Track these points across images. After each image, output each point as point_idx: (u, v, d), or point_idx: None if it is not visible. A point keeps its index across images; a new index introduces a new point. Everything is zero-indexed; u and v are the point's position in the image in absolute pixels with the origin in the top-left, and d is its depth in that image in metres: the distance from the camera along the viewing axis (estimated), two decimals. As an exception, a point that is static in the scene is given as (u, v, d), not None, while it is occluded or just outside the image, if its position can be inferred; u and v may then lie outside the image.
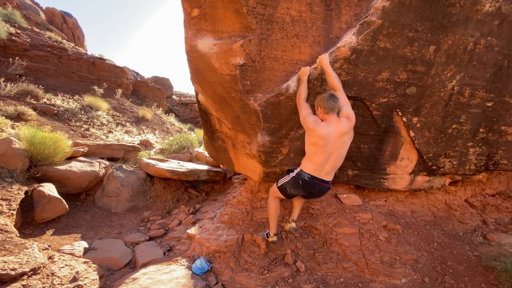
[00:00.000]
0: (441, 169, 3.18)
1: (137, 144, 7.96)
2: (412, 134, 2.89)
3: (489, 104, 2.84)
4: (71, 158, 5.11)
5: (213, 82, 2.84)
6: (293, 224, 2.77)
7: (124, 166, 5.51)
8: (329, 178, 2.38)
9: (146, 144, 8.48)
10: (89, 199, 4.99)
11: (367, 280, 2.76)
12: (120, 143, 6.89)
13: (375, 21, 2.31)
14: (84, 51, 14.79)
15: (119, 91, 13.08)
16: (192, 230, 3.78)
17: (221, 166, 6.01)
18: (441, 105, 2.77)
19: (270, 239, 2.88)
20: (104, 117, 9.91)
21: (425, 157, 3.05)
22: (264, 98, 2.65)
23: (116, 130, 9.40)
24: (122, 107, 12.21)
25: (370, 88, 2.61)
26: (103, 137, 8.18)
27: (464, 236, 3.27)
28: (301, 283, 2.75)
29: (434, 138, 2.95)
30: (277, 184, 2.67)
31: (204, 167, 5.74)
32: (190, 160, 6.71)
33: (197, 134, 10.28)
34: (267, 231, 2.98)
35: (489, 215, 3.59)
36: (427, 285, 2.68)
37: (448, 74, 2.63)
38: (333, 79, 2.33)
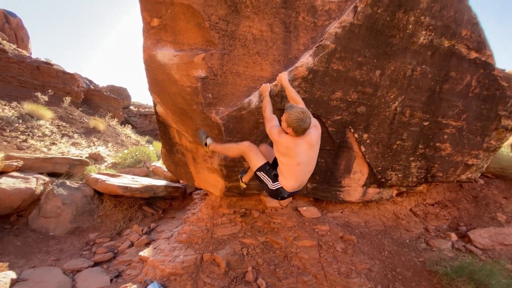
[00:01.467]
0: (389, 182, 3.47)
1: (86, 157, 7.22)
2: (363, 149, 3.12)
3: (426, 123, 3.23)
4: (1, 173, 4.39)
5: (173, 93, 2.75)
6: (244, 185, 2.74)
7: (67, 182, 4.91)
8: (300, 189, 2.38)
9: (96, 158, 7.74)
10: (21, 221, 4.30)
11: (326, 292, 2.80)
12: (64, 156, 6.17)
13: (329, 45, 2.51)
14: (28, 54, 13.27)
15: (68, 99, 11.89)
16: (145, 252, 3.46)
17: (181, 181, 5.73)
18: (387, 123, 3.07)
19: (242, 184, 2.75)
20: (47, 127, 8.84)
21: (375, 171, 3.31)
22: (226, 112, 2.64)
23: (61, 142, 8.43)
24: (70, 116, 11.08)
25: (325, 106, 2.78)
26: (44, 149, 7.25)
27: (410, 243, 3.56)
28: (262, 301, 2.68)
29: (382, 153, 3.23)
30: (256, 171, 2.35)
31: (162, 182, 5.41)
32: (146, 175, 6.28)
33: (156, 147, 9.76)
34: (244, 173, 2.75)
35: (430, 222, 3.99)
36: (380, 293, 2.82)
37: (392, 96, 2.95)
38: (293, 94, 2.37)
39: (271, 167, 2.33)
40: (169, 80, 2.66)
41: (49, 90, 11.36)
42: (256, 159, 2.30)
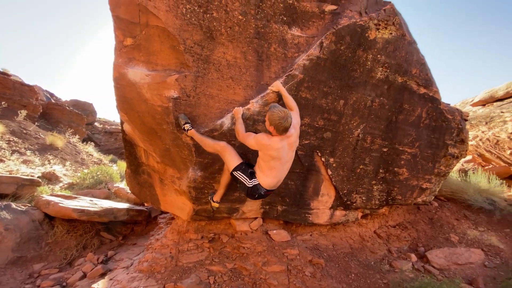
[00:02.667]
0: (354, 204, 3.63)
1: (38, 177, 6.53)
2: (329, 172, 3.26)
3: (385, 150, 3.50)
4: None
5: (142, 112, 2.68)
6: (217, 205, 2.81)
7: (13, 205, 4.36)
8: (276, 187, 2.50)
9: (51, 178, 7.04)
10: None
11: (295, 320, 2.73)
12: (12, 175, 5.52)
13: (298, 75, 2.69)
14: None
15: (23, 112, 10.92)
16: (99, 284, 3.11)
17: (145, 204, 5.39)
18: (351, 149, 3.27)
19: (214, 204, 2.81)
20: (-6, 143, 7.93)
21: (341, 193, 3.45)
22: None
23: (9, 159, 7.56)
24: (24, 131, 10.11)
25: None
26: (-12, 167, 6.44)
27: (375, 265, 3.66)
28: (228, 334, 2.51)
29: (347, 176, 3.39)
30: (233, 171, 2.45)
31: (124, 205, 5.05)
32: (107, 197, 5.82)
33: (120, 167, 9.18)
34: (214, 194, 2.84)
35: (392, 244, 4.17)
36: (347, 318, 2.81)
37: (354, 124, 3.18)
38: (289, 101, 2.54)
39: (247, 166, 2.45)
40: (139, 98, 2.61)
41: (3, 102, 10.38)
42: (232, 159, 2.41)
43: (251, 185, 2.35)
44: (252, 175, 2.39)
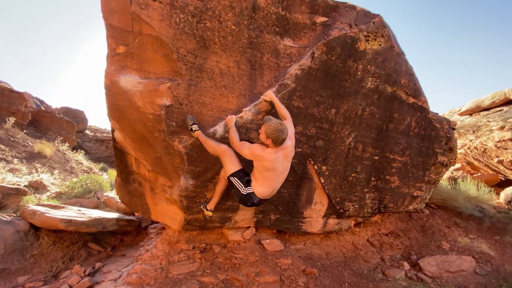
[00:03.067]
0: (347, 212, 3.63)
1: (24, 186, 6.33)
2: (322, 180, 3.27)
3: (376, 158, 3.54)
4: None
5: (134, 120, 2.66)
6: (210, 213, 2.79)
7: (-3, 215, 4.20)
8: (270, 197, 2.51)
9: (38, 187, 6.83)
10: None
11: (288, 333, 2.67)
12: (-3, 184, 5.33)
13: (290, 84, 2.73)
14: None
15: (11, 119, 10.68)
16: (86, 298, 2.99)
17: (135, 213, 5.27)
18: (343, 157, 3.30)
19: (207, 213, 2.79)
20: (-21, 151, 7.70)
21: (334, 201, 3.45)
22: (190, 141, 2.61)
23: (-5, 168, 7.33)
24: (12, 139, 9.85)
25: (288, 138, 2.92)
26: (-28, 176, 6.23)
27: (368, 274, 3.64)
28: None
29: (339, 184, 3.41)
30: (230, 176, 2.45)
31: (114, 215, 4.92)
32: (96, 207, 5.68)
33: (110, 176, 9.01)
34: (207, 202, 2.81)
35: (385, 252, 4.17)
36: (341, 329, 2.77)
37: (346, 132, 3.22)
38: (282, 110, 2.56)
39: (245, 173, 2.46)
40: (130, 106, 2.59)
41: (-10, 109, 10.15)
42: (231, 164, 2.42)
43: (245, 193, 2.36)
44: (248, 183, 2.40)
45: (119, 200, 5.38)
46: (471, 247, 4.23)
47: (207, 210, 2.76)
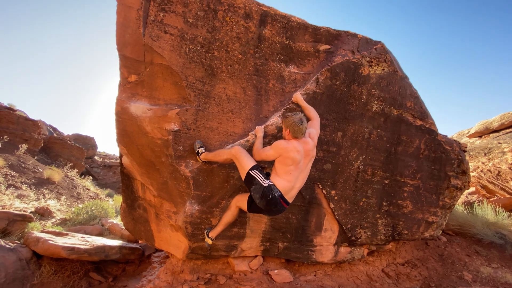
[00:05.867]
0: (359, 240, 3.45)
1: (31, 212, 6.32)
2: (331, 205, 3.17)
3: (387, 182, 3.44)
4: None
5: (141, 145, 2.69)
6: (210, 241, 2.69)
7: (1, 242, 4.14)
8: (290, 201, 2.41)
9: (44, 213, 6.81)
10: None
11: None
12: (3, 210, 5.34)
13: (295, 108, 2.76)
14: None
15: (24, 146, 10.99)
16: (84, 334, 2.82)
17: (139, 241, 5.14)
18: (352, 181, 3.22)
19: (207, 240, 2.69)
20: (-10, 177, 7.84)
21: (344, 228, 3.30)
22: (197, 165, 2.61)
23: (4, 194, 7.39)
24: (23, 165, 10.06)
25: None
26: (-19, 202, 6.27)
27: (385, 309, 3.36)
28: None
29: (350, 210, 3.28)
30: (250, 170, 2.33)
31: (117, 242, 4.80)
32: (100, 234, 5.57)
33: (116, 202, 8.95)
34: (211, 229, 2.71)
35: (403, 284, 3.88)
36: None
37: (354, 155, 3.18)
38: (309, 111, 2.64)
39: (262, 168, 2.42)
40: (139, 131, 2.64)
41: (5, 137, 10.51)
42: (248, 159, 2.36)
43: (266, 184, 2.27)
44: (267, 176, 2.36)
45: (124, 227, 5.28)
46: (495, 278, 3.91)
47: (208, 237, 2.66)
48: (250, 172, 2.33)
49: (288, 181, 2.31)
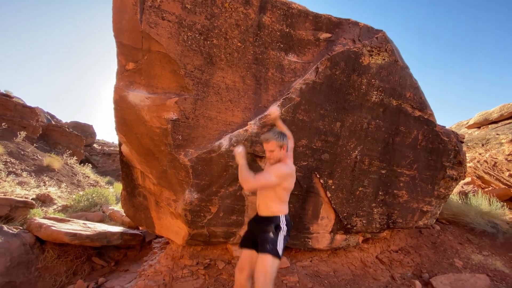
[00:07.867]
0: (355, 228, 3.54)
1: (32, 199, 6.40)
2: (328, 194, 3.22)
3: (383, 172, 3.49)
4: None
5: (140, 133, 2.70)
6: None
7: (5, 228, 4.22)
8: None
9: (45, 200, 6.90)
10: None
11: None
12: (5, 197, 5.41)
13: (294, 98, 2.76)
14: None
15: (22, 133, 10.97)
16: (88, 315, 2.93)
17: (140, 228, 5.24)
18: (349, 170, 3.26)
19: None
20: (-10, 164, 7.87)
21: (341, 217, 3.38)
22: (196, 154, 2.63)
23: (5, 181, 7.45)
24: (22, 153, 10.07)
25: (293, 152, 2.91)
26: (-18, 188, 6.33)
27: (378, 293, 3.49)
28: None
29: (346, 199, 3.35)
30: (278, 253, 2.06)
31: (118, 228, 4.90)
32: (101, 220, 5.67)
33: (116, 189, 9.04)
34: None
35: (395, 270, 4.01)
36: None
37: (352, 145, 3.20)
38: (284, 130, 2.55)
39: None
40: (138, 120, 2.64)
41: (3, 124, 10.46)
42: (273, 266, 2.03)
43: (285, 222, 2.21)
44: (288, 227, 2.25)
45: (124, 214, 5.38)
46: (485, 265, 4.04)
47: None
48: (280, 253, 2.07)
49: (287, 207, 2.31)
